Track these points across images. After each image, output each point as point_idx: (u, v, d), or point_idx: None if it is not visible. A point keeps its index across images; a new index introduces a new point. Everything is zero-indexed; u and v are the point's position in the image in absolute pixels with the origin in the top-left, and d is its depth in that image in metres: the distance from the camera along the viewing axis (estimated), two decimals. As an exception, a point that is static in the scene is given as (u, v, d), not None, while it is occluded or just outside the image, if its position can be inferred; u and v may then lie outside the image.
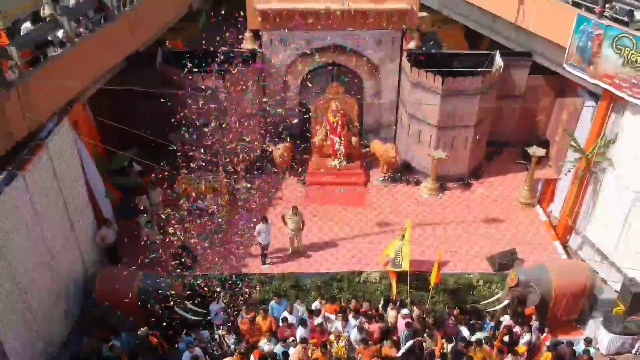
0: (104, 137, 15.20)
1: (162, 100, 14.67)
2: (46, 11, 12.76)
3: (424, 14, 22.74)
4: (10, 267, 10.82)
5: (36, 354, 11.80)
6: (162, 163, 15.18)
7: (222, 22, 17.01)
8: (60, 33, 12.60)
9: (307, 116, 18.15)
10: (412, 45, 17.89)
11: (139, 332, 12.05)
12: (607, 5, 14.08)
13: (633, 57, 13.42)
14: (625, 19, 13.81)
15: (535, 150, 16.61)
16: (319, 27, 16.71)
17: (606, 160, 15.15)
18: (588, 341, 12.97)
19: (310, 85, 17.87)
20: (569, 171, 16.36)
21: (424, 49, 18.51)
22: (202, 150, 16.33)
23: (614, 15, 14.02)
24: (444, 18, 21.17)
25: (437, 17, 21.89)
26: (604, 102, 14.93)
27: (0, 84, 10.78)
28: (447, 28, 22.12)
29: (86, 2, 13.27)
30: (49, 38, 12.32)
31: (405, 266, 13.68)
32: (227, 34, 14.75)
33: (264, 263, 15.09)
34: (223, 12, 15.95)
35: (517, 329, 13.17)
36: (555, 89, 17.99)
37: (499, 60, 17.20)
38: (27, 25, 12.51)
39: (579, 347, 12.98)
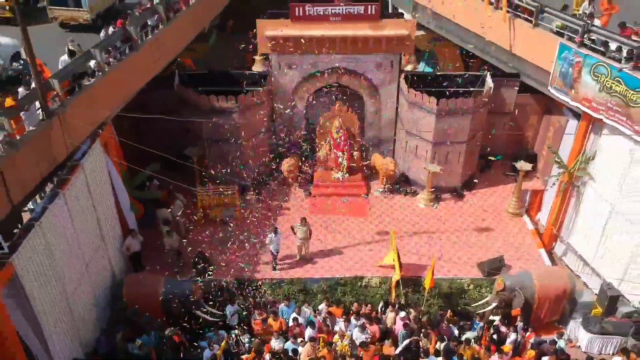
0: (127, 153, 16.60)
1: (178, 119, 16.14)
2: (70, 47, 14.18)
3: (422, 32, 24.23)
4: (57, 275, 12.29)
5: (73, 353, 13.26)
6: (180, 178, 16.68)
7: (231, 40, 18.29)
8: (92, 63, 14.05)
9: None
10: (409, 67, 19.33)
11: (166, 332, 13.50)
12: (585, 36, 15.54)
13: (608, 83, 14.86)
14: (602, 48, 15.28)
15: (522, 165, 18.07)
16: (324, 51, 18.14)
17: (586, 175, 16.60)
18: (560, 335, 14.51)
19: (315, 103, 19.33)
20: (554, 184, 17.84)
21: (421, 65, 19.89)
22: (216, 165, 17.92)
23: (592, 45, 15.47)
24: (440, 35, 22.59)
25: (434, 35, 23.30)
26: (584, 122, 16.38)
27: (45, 113, 12.22)
28: (443, 45, 23.51)
29: (115, 34, 14.70)
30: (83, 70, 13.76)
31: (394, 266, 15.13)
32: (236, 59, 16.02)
33: (274, 269, 16.53)
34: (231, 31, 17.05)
35: (503, 329, 14.63)
36: (542, 107, 19.41)
37: (489, 82, 18.65)
38: (64, 58, 13.95)
39: (561, 342, 14.47)
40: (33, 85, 12.55)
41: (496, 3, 17.92)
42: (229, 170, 17.61)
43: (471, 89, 19.16)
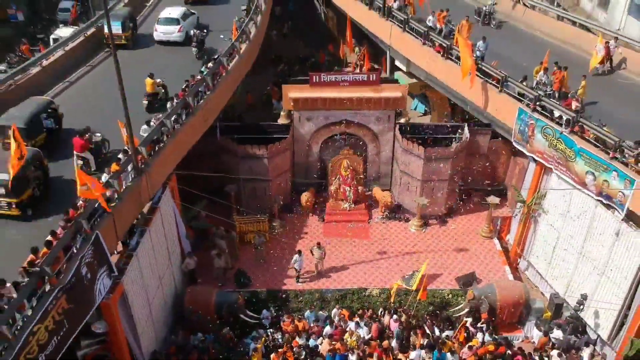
0: (181, 192, 21.22)
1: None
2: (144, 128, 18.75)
3: (414, 80, 28.96)
4: (145, 290, 17.01)
5: (152, 346, 17.94)
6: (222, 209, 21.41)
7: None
8: (164, 129, 18.70)
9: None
10: (403, 120, 24.04)
11: (223, 331, 18.20)
12: (537, 104, 20.22)
13: (554, 142, 19.57)
14: (549, 115, 19.97)
15: (492, 199, 22.80)
16: (335, 108, 22.88)
17: (540, 209, 21.32)
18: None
19: (327, 148, 24.09)
20: (516, 215, 22.57)
21: (415, 102, 24.34)
22: (249, 199, 22.65)
23: (542, 111, 20.14)
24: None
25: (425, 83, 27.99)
26: (538, 167, 21.08)
27: (136, 172, 16.88)
28: (434, 90, 28.16)
29: (179, 105, 19.35)
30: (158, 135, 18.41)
31: (413, 287, 19.60)
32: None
33: (297, 281, 21.22)
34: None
35: (472, 329, 19.31)
36: (510, 150, 24.04)
37: (466, 132, 23.37)
38: (144, 127, 18.58)
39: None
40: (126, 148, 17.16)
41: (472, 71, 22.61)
42: (259, 203, 22.34)
43: (453, 136, 23.88)
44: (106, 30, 15.66)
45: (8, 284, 12.56)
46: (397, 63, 29.34)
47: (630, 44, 24.68)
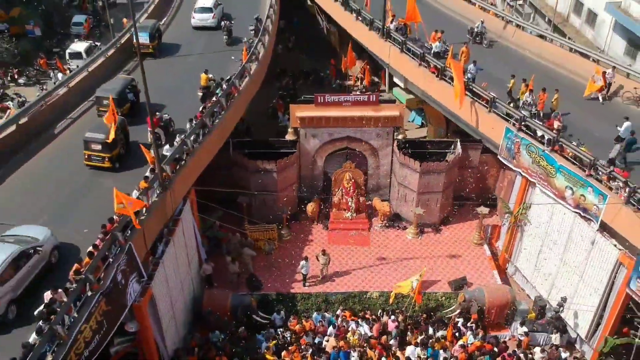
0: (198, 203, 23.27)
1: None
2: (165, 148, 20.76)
3: (411, 96, 31.01)
4: (169, 293, 19.05)
5: (175, 344, 19.96)
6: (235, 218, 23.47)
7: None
8: (185, 148, 20.71)
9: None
10: (400, 137, 26.05)
11: (239, 330, 20.22)
12: (522, 124, 22.24)
13: (537, 159, 21.60)
14: (532, 134, 22.00)
15: (482, 210, 24.84)
16: (338, 126, 24.94)
17: (525, 219, 23.35)
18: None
19: (331, 162, 26.15)
20: (504, 224, 24.61)
21: (412, 114, 26.28)
22: (259, 209, 24.68)
23: (526, 130, 22.16)
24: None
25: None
26: (523, 181, 23.11)
27: (162, 188, 18.89)
28: (430, 105, 30.19)
29: (197, 125, 21.36)
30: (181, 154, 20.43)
31: (402, 290, 21.56)
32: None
33: (304, 285, 23.24)
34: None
35: (463, 328, 21.34)
36: (499, 164, 26.03)
37: (458, 148, 25.41)
38: (167, 147, 20.58)
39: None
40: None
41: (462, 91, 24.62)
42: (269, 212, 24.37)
43: (446, 151, 25.93)
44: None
45: (60, 290, 14.58)
46: (395, 80, 31.37)
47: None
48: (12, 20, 42.29)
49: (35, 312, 14.37)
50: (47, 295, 14.52)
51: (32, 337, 13.51)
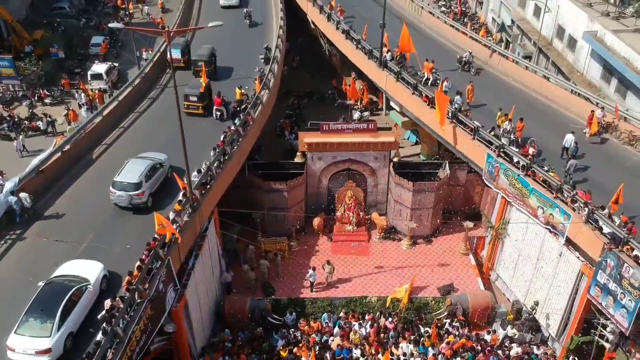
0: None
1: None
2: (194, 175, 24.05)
3: (406, 118, 34.33)
4: (198, 299, 22.40)
5: (202, 342, 23.30)
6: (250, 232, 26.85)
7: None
8: (210, 174, 24.02)
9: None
10: (395, 159, 29.39)
11: (256, 331, 23.56)
12: (501, 151, 25.57)
13: (513, 182, 24.95)
14: (510, 160, 25.32)
15: (467, 224, 28.24)
16: (340, 150, 28.31)
17: (505, 232, 26.71)
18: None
19: (334, 181, 29.55)
20: (488, 236, 27.99)
21: (407, 133, 29.72)
22: (272, 223, 28.02)
23: (504, 157, 25.49)
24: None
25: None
26: (503, 200, 26.45)
27: (192, 209, 22.22)
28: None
29: (219, 153, 24.66)
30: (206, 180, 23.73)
31: (399, 295, 24.92)
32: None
33: (311, 291, 26.57)
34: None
35: (450, 328, 24.68)
36: (483, 183, 29.36)
37: (447, 169, 28.78)
38: (195, 173, 23.86)
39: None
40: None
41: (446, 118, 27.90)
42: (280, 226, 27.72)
43: (436, 171, 29.31)
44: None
45: (117, 298, 17.89)
46: (391, 104, 34.71)
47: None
48: (35, 43, 45.39)
49: (99, 316, 17.69)
50: (107, 303, 17.82)
51: (99, 336, 16.81)
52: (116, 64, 42.94)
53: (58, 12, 53.76)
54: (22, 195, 21.86)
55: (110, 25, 25.99)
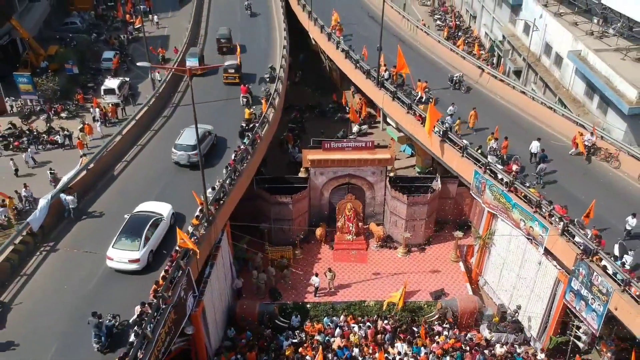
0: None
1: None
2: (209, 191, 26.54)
3: (402, 134, 36.84)
4: (213, 304, 24.90)
5: (216, 343, 25.79)
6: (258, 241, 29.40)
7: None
8: (224, 190, 26.50)
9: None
10: (391, 174, 31.92)
11: (265, 333, 26.06)
12: (487, 168, 28.08)
13: (498, 197, 27.47)
14: (494, 176, 27.83)
15: (457, 234, 30.77)
16: (341, 166, 30.83)
17: (491, 242, 29.24)
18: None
19: (335, 194, 32.07)
20: (476, 245, 30.53)
21: (404, 146, 32.45)
22: (278, 233, 30.53)
23: (490, 174, 28.01)
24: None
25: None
26: (489, 214, 28.98)
27: (208, 223, 24.68)
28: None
29: (231, 171, 27.13)
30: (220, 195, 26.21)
31: (394, 300, 27.42)
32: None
33: (315, 295, 29.06)
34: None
35: (439, 328, 27.20)
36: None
37: (438, 183, 31.33)
38: (210, 190, 26.34)
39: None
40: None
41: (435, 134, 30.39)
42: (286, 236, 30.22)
43: (429, 185, 31.85)
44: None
45: (146, 304, 20.37)
46: (388, 120, 37.22)
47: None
48: (50, 58, 47.72)
49: (131, 321, 20.17)
50: (137, 309, 20.28)
51: (132, 338, 19.28)
52: (127, 79, 45.19)
53: (70, 27, 56.02)
54: (69, 197, 25.43)
55: (138, 64, 28.70)
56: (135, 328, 19.45)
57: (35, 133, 38.85)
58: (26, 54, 47.63)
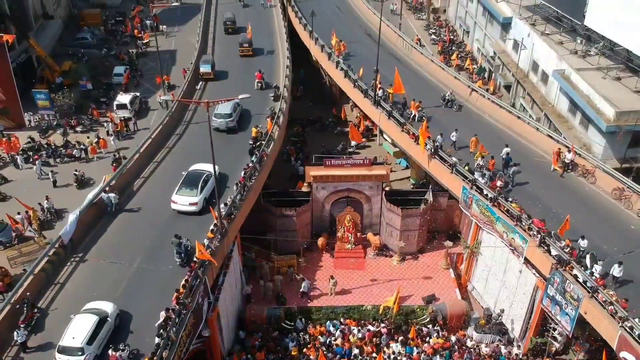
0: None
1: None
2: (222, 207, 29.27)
3: (397, 149, 39.60)
4: (226, 309, 27.63)
5: (230, 343, 28.50)
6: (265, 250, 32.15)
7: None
8: (235, 205, 29.22)
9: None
10: (387, 188, 34.67)
11: (273, 334, 28.80)
12: (474, 184, 30.80)
13: (483, 210, 30.22)
14: (480, 192, 30.56)
15: (447, 243, 33.54)
16: (341, 181, 33.61)
17: (478, 251, 31.99)
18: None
19: (336, 207, 34.85)
20: (465, 253, 33.30)
21: (399, 159, 35.15)
22: (283, 243, 33.30)
23: (476, 189, 30.73)
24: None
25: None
26: (476, 226, 31.72)
27: (221, 236, 27.41)
28: (411, 156, 38.83)
29: (240, 187, 29.84)
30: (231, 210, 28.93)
31: (389, 304, 30.16)
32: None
33: (301, 297, 31.69)
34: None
35: (429, 330, 29.96)
36: (462, 207, 34.73)
37: (430, 196, 34.09)
38: (222, 205, 29.04)
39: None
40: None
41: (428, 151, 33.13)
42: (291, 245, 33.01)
43: (422, 198, 34.63)
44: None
45: (170, 310, 23.08)
46: (384, 136, 39.98)
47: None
48: (65, 74, 50.28)
49: (156, 324, 22.85)
50: (162, 315, 22.96)
51: (157, 340, 21.96)
52: (138, 94, 47.73)
53: (81, 42, 58.55)
54: (112, 194, 29.61)
55: (161, 98, 32.68)
56: (161, 331, 22.19)
57: (53, 147, 41.30)
58: (42, 70, 50.19)
